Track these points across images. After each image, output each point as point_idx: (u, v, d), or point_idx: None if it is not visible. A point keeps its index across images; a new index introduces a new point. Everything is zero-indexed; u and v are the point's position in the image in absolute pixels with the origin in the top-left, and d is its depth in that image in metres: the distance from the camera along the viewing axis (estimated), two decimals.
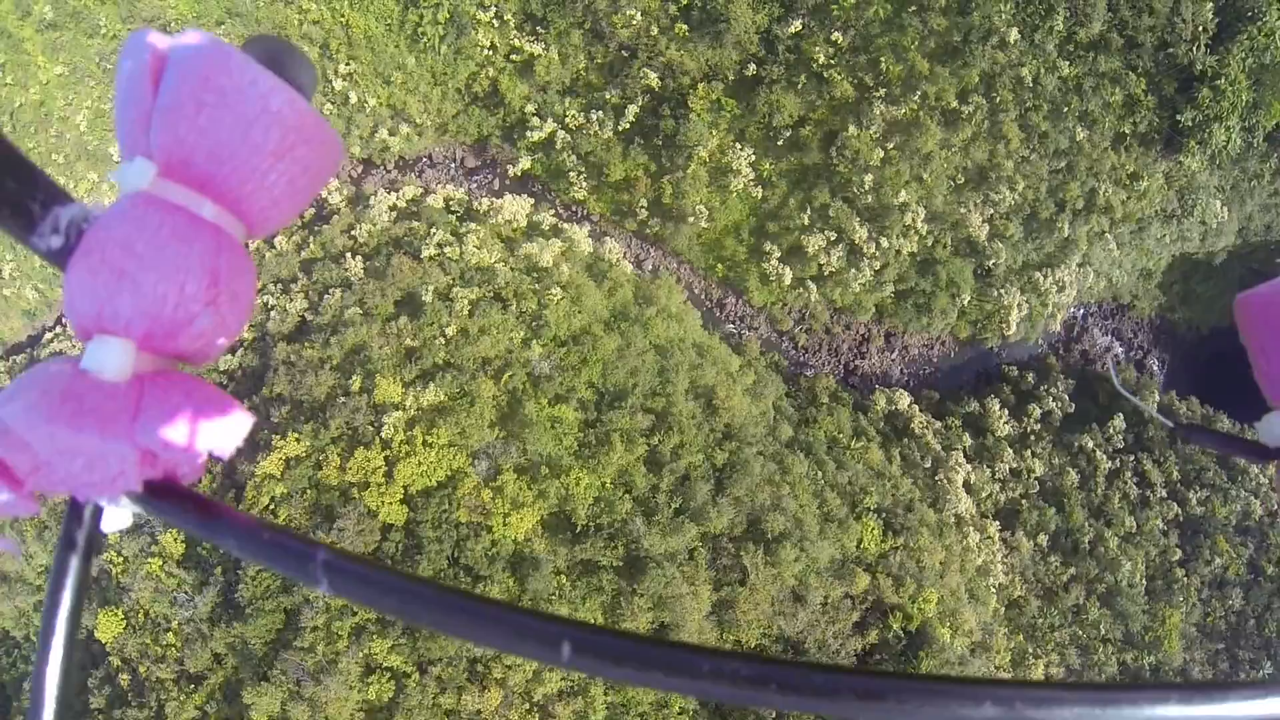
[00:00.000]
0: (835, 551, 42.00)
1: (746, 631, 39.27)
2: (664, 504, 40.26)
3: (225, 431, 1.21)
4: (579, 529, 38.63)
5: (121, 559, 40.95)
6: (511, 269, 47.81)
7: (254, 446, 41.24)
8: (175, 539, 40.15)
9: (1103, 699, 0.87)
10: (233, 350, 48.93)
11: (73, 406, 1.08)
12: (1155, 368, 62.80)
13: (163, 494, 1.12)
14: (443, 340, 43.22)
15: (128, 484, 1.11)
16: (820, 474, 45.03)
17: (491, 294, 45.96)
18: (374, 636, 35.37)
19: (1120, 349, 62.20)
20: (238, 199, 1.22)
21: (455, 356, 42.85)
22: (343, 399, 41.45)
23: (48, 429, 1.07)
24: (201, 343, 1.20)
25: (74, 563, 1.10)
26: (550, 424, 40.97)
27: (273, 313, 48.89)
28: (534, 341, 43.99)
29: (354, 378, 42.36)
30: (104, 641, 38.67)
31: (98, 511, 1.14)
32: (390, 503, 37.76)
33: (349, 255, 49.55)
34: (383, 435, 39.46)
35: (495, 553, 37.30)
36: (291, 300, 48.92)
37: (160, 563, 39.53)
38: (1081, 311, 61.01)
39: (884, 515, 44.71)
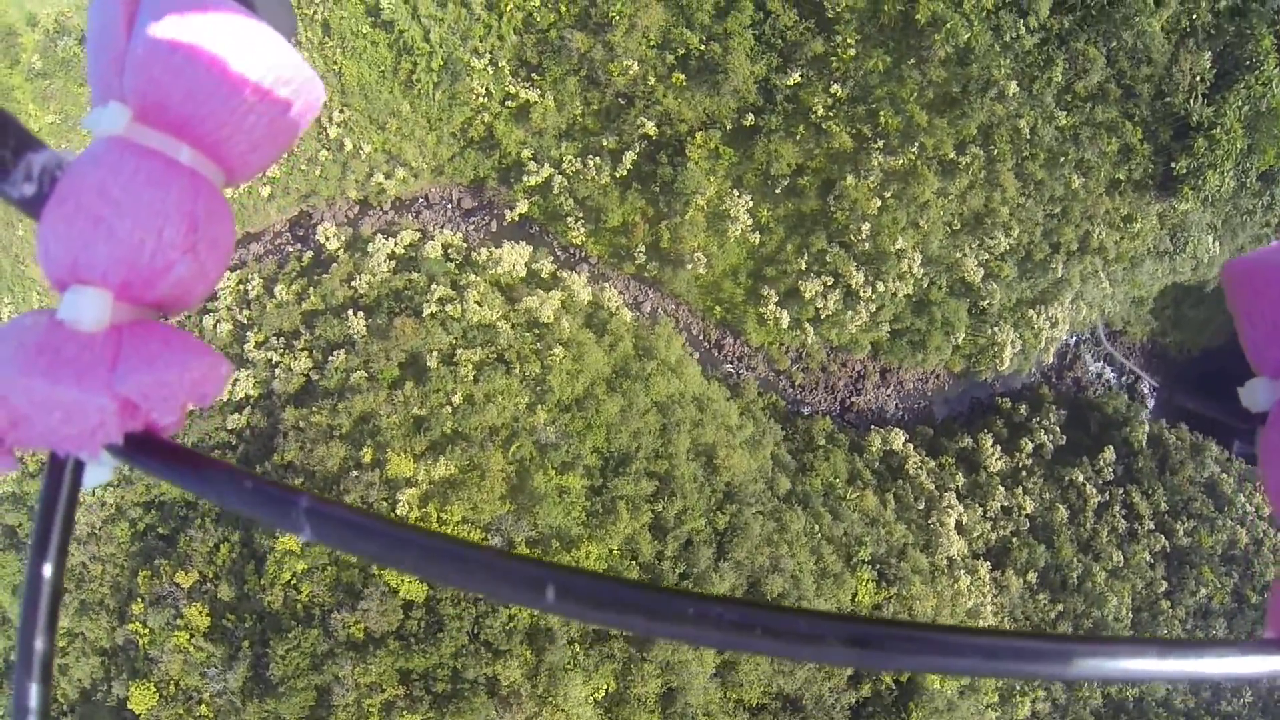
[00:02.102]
0: (831, 608, 43.86)
1: (748, 691, 41.35)
2: (669, 571, 41.88)
3: (205, 380, 1.21)
4: None
5: (148, 630, 42.58)
6: (513, 325, 48.43)
7: None
8: (200, 612, 41.70)
9: (1083, 650, 0.88)
10: (239, 409, 49.85)
11: (49, 358, 1.08)
12: (1146, 391, 64.17)
13: (143, 446, 1.12)
14: (450, 409, 44.15)
15: (107, 436, 1.10)
16: (817, 527, 46.64)
17: (495, 355, 46.67)
18: (403, 712, 37.22)
19: (1112, 373, 63.42)
20: (215, 143, 1.21)
21: (463, 425, 43.82)
22: (355, 473, 42.55)
23: (24, 382, 1.06)
24: (180, 291, 1.19)
25: (56, 520, 1.08)
26: (558, 494, 42.26)
27: (277, 370, 49.59)
28: (539, 407, 44.94)
29: (365, 449, 43.37)
30: (138, 714, 40.50)
31: (79, 466, 1.13)
32: (410, 581, 39.24)
33: (350, 310, 50.02)
34: (398, 513, 40.72)
35: (513, 627, 38.98)
36: (295, 358, 49.52)
37: (187, 636, 41.15)
38: (1074, 340, 62.01)
39: (878, 566, 46.48)
